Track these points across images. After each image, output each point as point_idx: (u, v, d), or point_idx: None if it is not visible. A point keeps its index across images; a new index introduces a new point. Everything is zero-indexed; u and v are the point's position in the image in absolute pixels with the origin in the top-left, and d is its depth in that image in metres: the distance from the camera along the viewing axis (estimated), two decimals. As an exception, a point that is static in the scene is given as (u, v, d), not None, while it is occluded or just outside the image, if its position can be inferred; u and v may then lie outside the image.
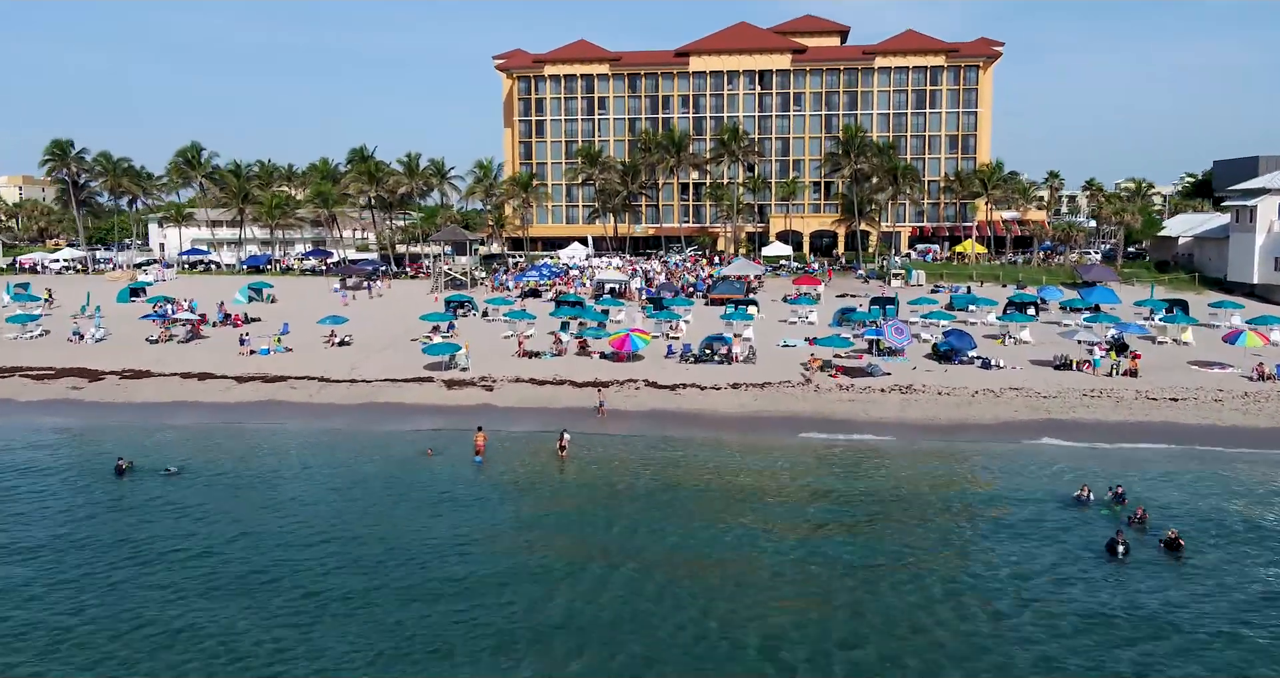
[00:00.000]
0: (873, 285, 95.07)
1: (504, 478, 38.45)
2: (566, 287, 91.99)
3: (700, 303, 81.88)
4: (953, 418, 46.47)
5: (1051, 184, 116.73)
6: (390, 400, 51.35)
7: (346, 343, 64.08)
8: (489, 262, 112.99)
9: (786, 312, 75.22)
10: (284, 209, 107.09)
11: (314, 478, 38.64)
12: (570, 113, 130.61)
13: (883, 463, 39.98)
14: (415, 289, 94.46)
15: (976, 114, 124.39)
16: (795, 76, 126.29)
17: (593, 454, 41.31)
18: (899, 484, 36.91)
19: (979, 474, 38.57)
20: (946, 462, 40.44)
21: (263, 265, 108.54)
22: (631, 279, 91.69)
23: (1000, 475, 38.10)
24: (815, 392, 50.71)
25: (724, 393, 50.87)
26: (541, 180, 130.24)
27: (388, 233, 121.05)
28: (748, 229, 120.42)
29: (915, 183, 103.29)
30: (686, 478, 38.01)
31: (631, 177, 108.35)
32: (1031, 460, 40.05)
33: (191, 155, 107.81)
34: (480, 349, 60.91)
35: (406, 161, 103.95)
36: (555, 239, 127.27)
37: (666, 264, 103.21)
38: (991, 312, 69.54)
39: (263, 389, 53.71)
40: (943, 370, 53.80)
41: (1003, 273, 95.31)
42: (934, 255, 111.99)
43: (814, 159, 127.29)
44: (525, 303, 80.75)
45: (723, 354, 56.81)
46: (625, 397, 50.69)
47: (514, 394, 51.77)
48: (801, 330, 66.74)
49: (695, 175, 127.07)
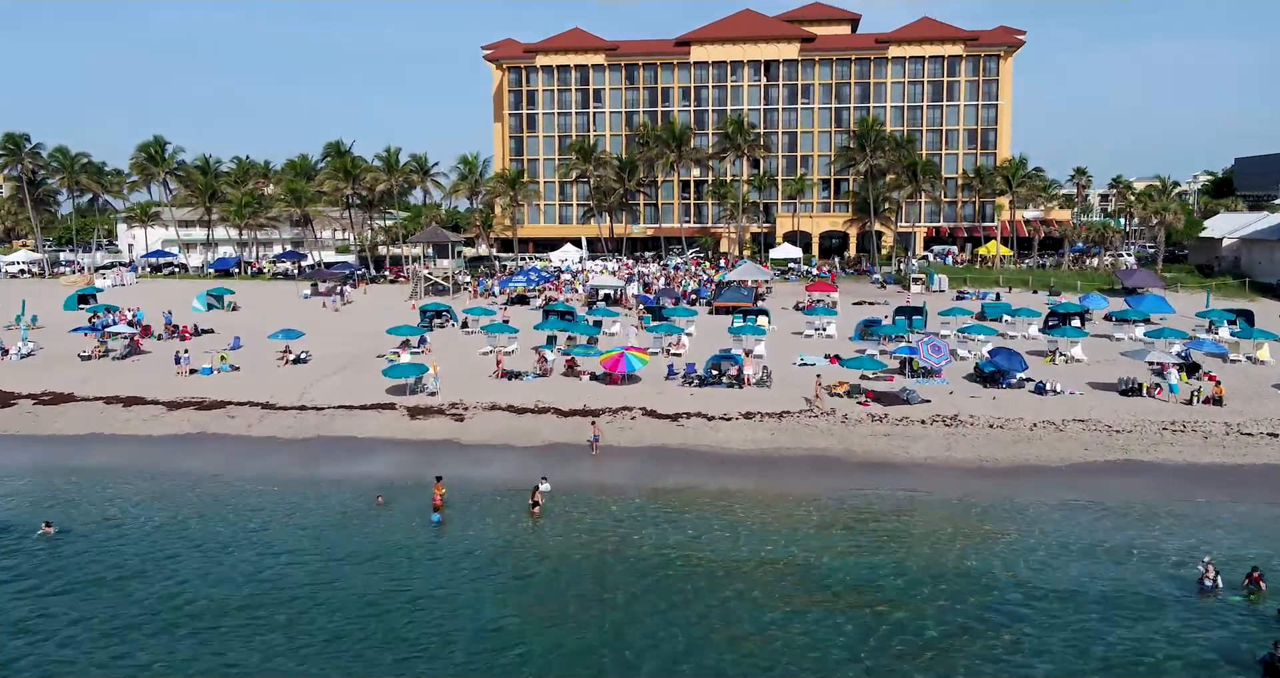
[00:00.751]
0: (890, 291, 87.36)
1: (459, 547, 30.62)
2: (557, 293, 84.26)
3: (703, 311, 74.20)
4: (1010, 458, 38.75)
5: (1078, 182, 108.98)
6: (342, 433, 43.61)
7: (302, 360, 56.33)
8: (476, 264, 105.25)
9: (800, 322, 67.49)
10: (254, 208, 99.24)
11: (219, 546, 30.80)
12: (564, 106, 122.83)
13: (936, 530, 32.08)
14: (394, 295, 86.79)
15: (997, 107, 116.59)
16: (803, 67, 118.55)
17: (574, 514, 33.51)
18: (963, 566, 28.74)
19: (1058, 547, 30.34)
20: (1015, 524, 32.54)
21: (232, 269, 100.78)
22: (628, 285, 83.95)
23: (1086, 547, 30.15)
24: (843, 423, 42.96)
25: (735, 424, 43.14)
26: (533, 178, 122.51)
27: (369, 234, 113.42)
28: (752, 229, 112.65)
29: (935, 180, 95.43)
30: (687, 556, 29.86)
31: (628, 173, 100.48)
32: (1118, 521, 32.27)
33: (154, 150, 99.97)
34: (454, 368, 53.24)
35: (385, 157, 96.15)
36: (547, 240, 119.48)
37: (666, 268, 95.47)
38: (1033, 324, 61.73)
39: (195, 418, 45.94)
40: (990, 397, 46.04)
41: (1032, 278, 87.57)
42: (954, 258, 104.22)
43: (823, 155, 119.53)
44: (510, 312, 72.98)
45: (732, 376, 49.10)
46: (619, 429, 42.94)
47: (488, 426, 44.03)
48: (819, 345, 59.02)
49: (697, 172, 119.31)
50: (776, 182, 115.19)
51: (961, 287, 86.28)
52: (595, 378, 50.27)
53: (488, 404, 46.69)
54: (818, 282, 77.08)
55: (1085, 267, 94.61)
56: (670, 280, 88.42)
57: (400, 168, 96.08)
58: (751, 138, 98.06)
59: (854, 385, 46.81)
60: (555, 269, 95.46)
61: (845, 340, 60.85)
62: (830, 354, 54.73)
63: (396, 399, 47.81)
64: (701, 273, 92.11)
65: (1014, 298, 79.42)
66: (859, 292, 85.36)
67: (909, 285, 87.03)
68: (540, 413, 45.41)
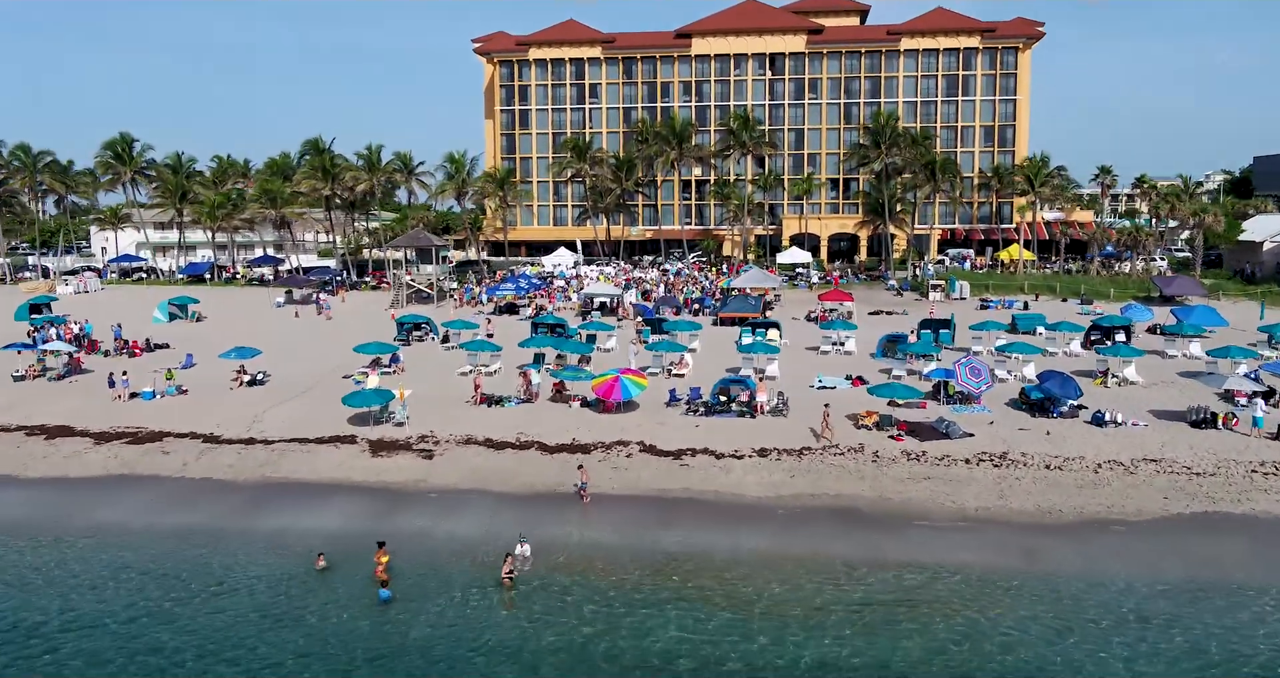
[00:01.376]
0: (908, 299, 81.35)
1: (408, 639, 24.53)
2: (549, 301, 78.17)
3: (706, 322, 68.14)
4: (1075, 509, 32.62)
5: (1103, 181, 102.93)
6: (290, 475, 37.47)
7: (259, 382, 50.19)
8: (464, 270, 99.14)
9: (813, 335, 61.43)
10: (228, 210, 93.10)
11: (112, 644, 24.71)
12: (558, 101, 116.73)
13: (1002, 618, 25.96)
14: (375, 303, 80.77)
15: (1015, 102, 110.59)
16: (810, 60, 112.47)
17: (554, 590, 27.38)
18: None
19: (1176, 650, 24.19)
20: (1103, 611, 26.35)
21: (204, 274, 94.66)
22: (625, 292, 77.85)
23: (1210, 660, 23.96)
24: (873, 462, 36.83)
25: (748, 464, 37.02)
26: (526, 177, 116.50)
27: (353, 236, 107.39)
28: (757, 232, 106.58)
29: (955, 179, 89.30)
30: (692, 652, 23.94)
31: (626, 172, 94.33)
32: (1231, 609, 26.11)
33: (121, 148, 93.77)
34: (428, 391, 47.22)
35: (366, 155, 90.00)
36: (541, 244, 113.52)
37: (666, 273, 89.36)
38: (1073, 339, 55.59)
39: (124, 455, 39.79)
40: (1043, 431, 39.86)
41: (1060, 284, 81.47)
42: (971, 263, 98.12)
43: (831, 153, 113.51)
44: (498, 323, 66.87)
45: (743, 403, 42.97)
46: (613, 469, 36.83)
47: (461, 464, 37.91)
48: (838, 364, 52.93)
49: (698, 171, 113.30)
50: (783, 181, 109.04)
51: (984, 294, 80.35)
52: (587, 404, 44.14)
53: (462, 437, 40.56)
54: (832, 290, 70.91)
55: (1117, 273, 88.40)
56: (671, 287, 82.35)
57: (382, 166, 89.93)
58: (757, 134, 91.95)
59: (884, 415, 40.68)
60: (547, 275, 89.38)
61: (866, 358, 54.75)
62: (852, 376, 48.59)
63: (359, 431, 41.68)
64: (704, 279, 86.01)
65: (1042, 307, 73.52)
66: (874, 299, 79.27)
67: (927, 293, 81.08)
68: (522, 448, 39.29)
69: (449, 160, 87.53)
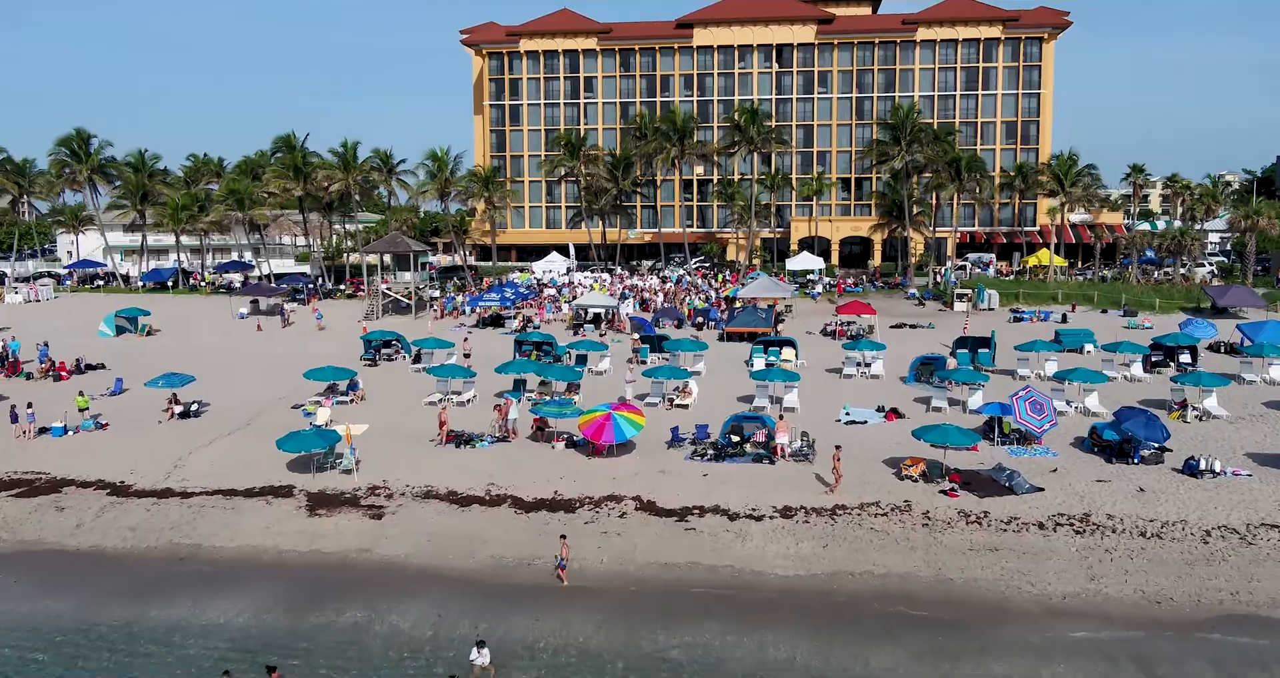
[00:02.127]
0: (930, 309, 74.32)
1: None
2: (538, 313, 71.14)
3: (710, 336, 61.20)
4: (1192, 598, 25.54)
5: (1134, 181, 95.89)
6: (204, 541, 30.38)
7: (193, 414, 43.11)
8: (448, 276, 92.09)
9: (832, 354, 54.47)
10: (193, 212, 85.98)
11: None
12: (551, 96, 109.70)
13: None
14: (350, 313, 73.74)
15: (1039, 96, 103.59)
16: (820, 52, 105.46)
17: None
18: None
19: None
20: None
21: (169, 281, 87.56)
22: (621, 303, 70.84)
23: None
24: (924, 527, 29.79)
25: (770, 528, 29.96)
26: (517, 176, 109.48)
27: (331, 240, 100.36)
28: (763, 235, 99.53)
29: (982, 178, 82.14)
30: None
31: (622, 171, 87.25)
32: None
33: (77, 145, 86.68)
34: (389, 423, 40.38)
35: (341, 152, 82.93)
36: (533, 247, 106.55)
37: (667, 281, 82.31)
38: (1133, 361, 48.51)
39: (8, 513, 32.67)
40: (1127, 482, 32.78)
41: (1098, 293, 74.42)
42: (998, 270, 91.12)
43: (842, 150, 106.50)
44: (481, 337, 59.98)
45: (759, 444, 35.93)
46: (602, 535, 29.77)
47: (416, 526, 30.85)
48: (864, 391, 45.91)
49: (700, 170, 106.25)
50: (790, 181, 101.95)
51: (1015, 304, 73.36)
52: (574, 444, 37.09)
53: (421, 489, 33.50)
54: (852, 301, 63.79)
55: (1160, 281, 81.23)
56: (672, 297, 75.28)
57: (359, 165, 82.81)
58: (766, 130, 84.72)
59: (931, 463, 33.63)
60: (537, 282, 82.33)
61: (896, 383, 47.73)
62: (885, 407, 41.54)
63: (298, 479, 34.65)
64: (708, 287, 78.92)
65: (1083, 320, 66.55)
66: (893, 310, 72.20)
67: (952, 302, 74.07)
68: (492, 504, 32.23)
69: (431, 158, 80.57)
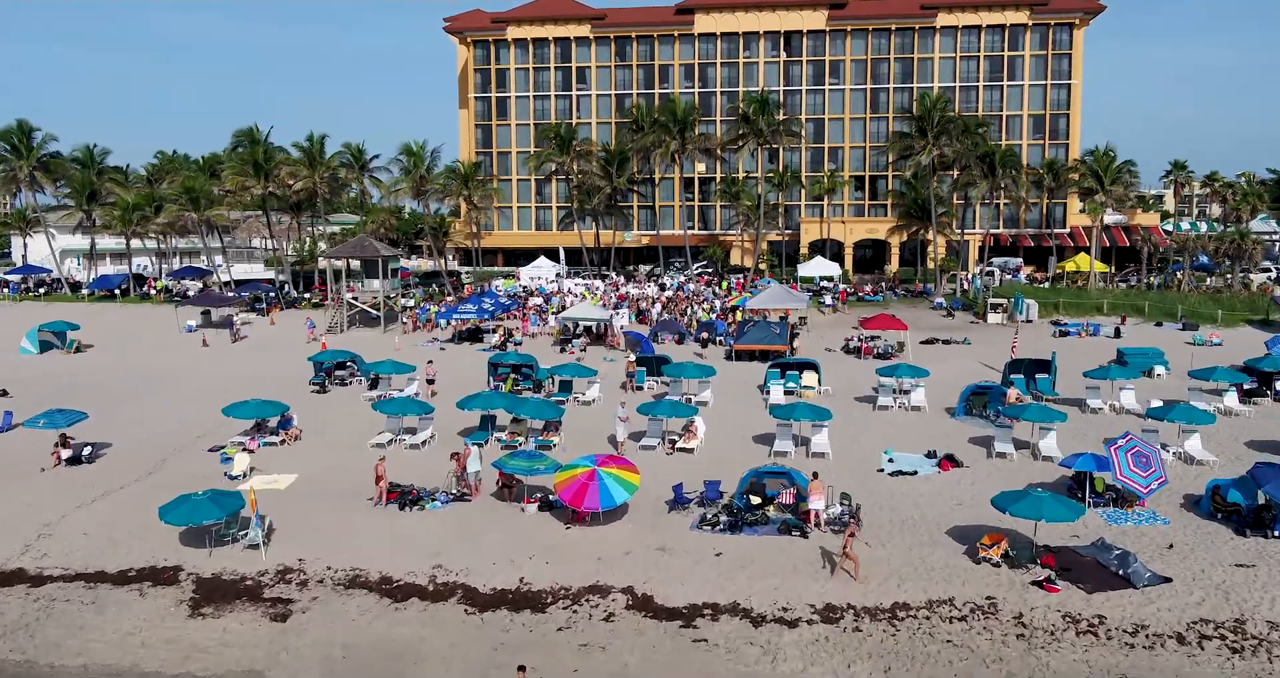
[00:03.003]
0: (961, 321, 66.57)
1: None
2: (522, 325, 63.30)
3: (715, 353, 53.43)
4: None
5: (1175, 179, 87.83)
6: (42, 660, 22.36)
7: (86, 459, 35.10)
8: (427, 283, 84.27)
9: (858, 376, 46.71)
10: (145, 212, 78.11)
11: None
12: (541, 87, 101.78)
13: None
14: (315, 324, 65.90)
15: (1069, 87, 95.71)
16: (832, 39, 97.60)
17: None
18: None
19: None
20: None
21: (117, 288, 79.63)
22: (615, 313, 63.00)
23: None
24: (1019, 636, 21.83)
25: (808, 639, 21.98)
26: (505, 174, 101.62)
27: (304, 243, 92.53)
28: (770, 238, 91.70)
29: (1018, 174, 74.07)
30: None
31: (617, 167, 79.23)
32: None
33: (18, 139, 78.71)
34: (325, 473, 32.53)
35: (307, 147, 74.96)
36: (521, 251, 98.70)
37: (666, 289, 74.39)
38: (1226, 391, 40.54)
39: None
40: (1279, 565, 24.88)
41: (1149, 303, 66.55)
42: (1031, 276, 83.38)
43: (855, 146, 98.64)
44: (449, 357, 52.25)
45: (786, 507, 28.01)
46: (580, 649, 21.77)
47: (330, 632, 22.86)
48: (906, 426, 38.03)
49: (702, 168, 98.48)
50: (800, 178, 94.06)
51: (1055, 315, 65.63)
52: (549, 505, 29.11)
53: (346, 573, 25.52)
54: (879, 315, 55.79)
55: (1218, 289, 73.19)
56: (672, 307, 67.37)
57: (325, 160, 74.80)
58: (777, 122, 76.40)
59: (1018, 539, 25.69)
60: (522, 291, 74.44)
61: (941, 415, 39.84)
62: (937, 453, 33.61)
63: (190, 556, 26.68)
64: (712, 296, 71.00)
65: (1136, 334, 58.90)
66: (919, 322, 64.42)
67: (984, 313, 66.29)
68: (437, 597, 24.28)
69: (405, 153, 72.59)
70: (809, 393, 42.81)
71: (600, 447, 35.13)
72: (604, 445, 35.50)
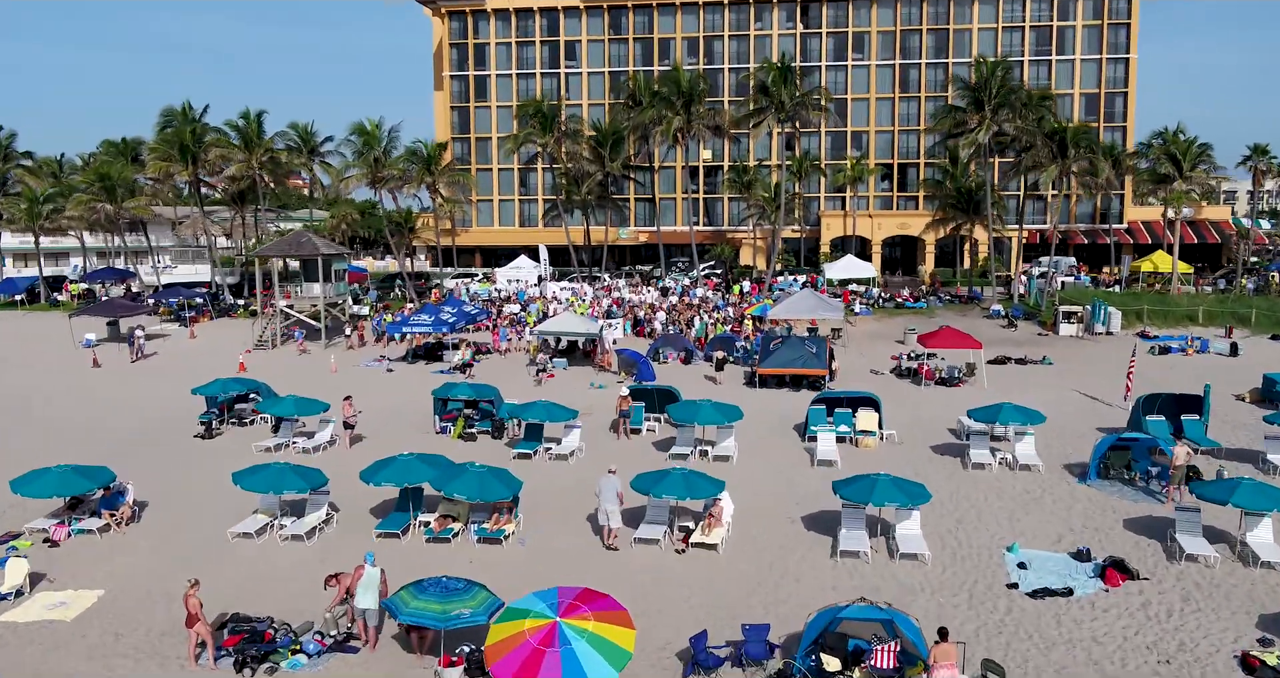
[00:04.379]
0: (1026, 332, 55.07)
1: None
2: (493, 339, 51.69)
3: (735, 377, 41.93)
4: None
5: (1255, 165, 76.06)
6: None
7: None
8: (388, 286, 72.62)
9: (928, 416, 35.09)
10: (56, 206, 66.32)
11: None
12: (525, 65, 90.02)
13: None
14: (242, 339, 54.28)
15: (1127, 62, 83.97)
16: (855, 8, 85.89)
17: None
18: None
19: None
20: None
21: (23, 294, 67.82)
22: (607, 323, 51.38)
23: None
24: None
25: None
26: (484, 163, 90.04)
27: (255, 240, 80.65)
28: (785, 234, 79.79)
29: (1095, 157, 61.84)
30: None
31: (611, 149, 67.18)
32: None
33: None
34: (144, 591, 20.58)
35: (242, 126, 63.11)
36: (503, 249, 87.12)
37: (668, 293, 62.58)
38: None
39: None
40: None
41: (1256, 312, 54.90)
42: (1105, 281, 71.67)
43: (881, 130, 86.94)
44: (382, 391, 40.71)
45: (884, 674, 16.22)
46: None
47: None
48: (1020, 500, 26.23)
49: (708, 155, 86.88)
50: (821, 166, 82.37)
51: (1139, 326, 54.13)
52: (480, 671, 17.26)
53: None
54: (944, 330, 43.86)
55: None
56: (675, 317, 55.61)
57: (263, 142, 62.91)
58: (800, 94, 63.61)
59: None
60: (497, 296, 62.82)
61: (1060, 477, 28.09)
62: (1097, 559, 21.82)
63: None
64: (725, 303, 59.27)
65: (1258, 352, 47.33)
66: (975, 333, 52.87)
67: (1054, 323, 54.77)
68: None
69: (356, 132, 60.83)
70: (869, 441, 31.13)
71: (576, 538, 23.47)
72: (583, 532, 23.83)
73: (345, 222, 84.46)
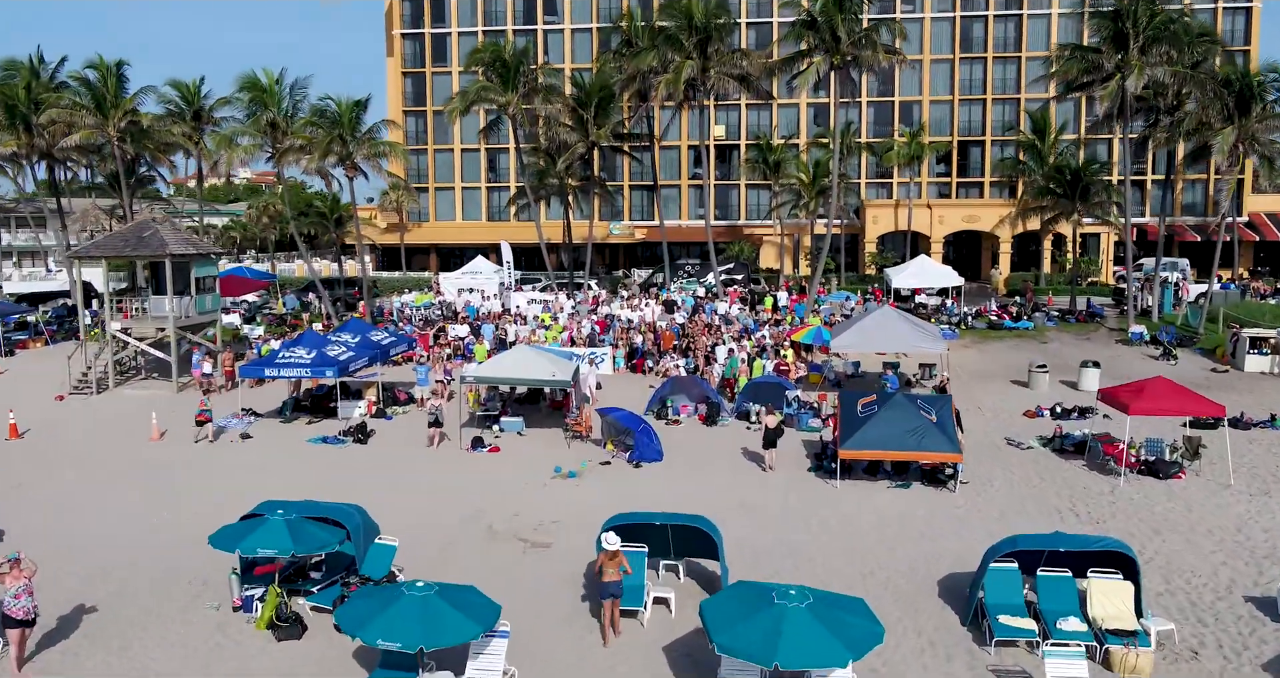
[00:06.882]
0: (1193, 367, 38.30)
1: None
2: (436, 375, 34.61)
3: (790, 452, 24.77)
4: None
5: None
6: None
7: None
8: (308, 294, 55.50)
9: (1178, 564, 17.92)
10: None
11: None
12: (494, 19, 72.91)
13: None
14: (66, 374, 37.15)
15: (1250, 9, 67.21)
16: (904, -51, 68.99)
17: None
18: None
19: None
20: None
21: None
22: (588, 362, 34.42)
23: None
24: None
25: None
26: (444, 142, 73.06)
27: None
28: (818, 229, 62.24)
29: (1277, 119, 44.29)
30: None
31: (596, 111, 49.18)
32: None
33: None
34: None
35: (94, 82, 45.87)
36: (463, 249, 70.08)
37: (674, 309, 45.18)
38: None
39: None
40: None
41: None
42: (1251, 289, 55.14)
43: (938, 99, 70.02)
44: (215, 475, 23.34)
45: None
46: None
47: None
48: None
49: (720, 131, 70.07)
50: (862, 146, 65.45)
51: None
52: None
53: None
54: (1157, 380, 26.00)
55: None
56: (691, 342, 38.27)
57: (122, 102, 45.58)
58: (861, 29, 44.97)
59: None
60: (439, 314, 45.74)
61: None
62: None
63: None
64: (755, 323, 42.06)
65: None
66: (1113, 368, 36.40)
67: (1228, 352, 38.00)
68: None
69: (246, 86, 43.47)
70: (1131, 658, 13.98)
71: None
72: None
73: (267, 215, 67.28)
